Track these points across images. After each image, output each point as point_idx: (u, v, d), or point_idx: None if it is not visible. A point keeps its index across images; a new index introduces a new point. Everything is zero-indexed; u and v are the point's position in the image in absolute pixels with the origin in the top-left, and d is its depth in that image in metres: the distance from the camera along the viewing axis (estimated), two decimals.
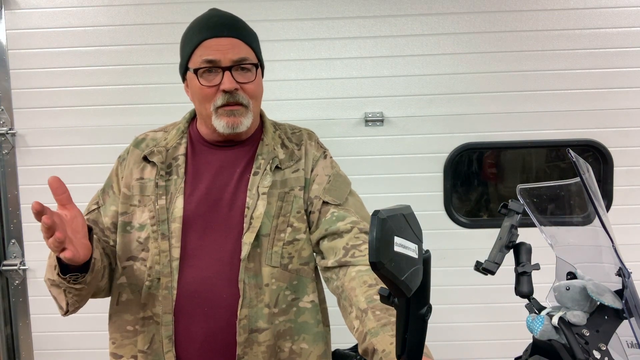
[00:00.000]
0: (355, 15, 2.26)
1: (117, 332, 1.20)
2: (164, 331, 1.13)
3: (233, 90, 1.13)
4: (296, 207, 1.19)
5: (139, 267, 1.17)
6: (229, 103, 1.14)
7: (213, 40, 1.14)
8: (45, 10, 2.26)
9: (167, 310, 1.13)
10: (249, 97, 1.16)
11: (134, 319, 1.17)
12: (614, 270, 0.82)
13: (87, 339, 2.35)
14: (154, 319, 1.15)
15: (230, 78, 1.12)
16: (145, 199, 1.18)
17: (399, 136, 2.30)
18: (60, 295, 1.11)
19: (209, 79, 1.14)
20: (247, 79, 1.15)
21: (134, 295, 1.17)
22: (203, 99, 1.15)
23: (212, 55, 1.12)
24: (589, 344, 0.75)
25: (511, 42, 2.26)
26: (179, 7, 2.24)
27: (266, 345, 1.14)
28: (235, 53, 1.13)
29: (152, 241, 1.15)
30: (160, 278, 1.13)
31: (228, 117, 1.14)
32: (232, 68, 1.13)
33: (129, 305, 1.18)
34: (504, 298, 2.21)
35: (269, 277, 1.14)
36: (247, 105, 1.16)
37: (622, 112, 2.27)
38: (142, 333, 1.16)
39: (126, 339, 1.18)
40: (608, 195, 2.30)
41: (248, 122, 1.17)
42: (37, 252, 2.33)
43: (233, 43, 1.14)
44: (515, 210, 0.85)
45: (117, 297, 1.20)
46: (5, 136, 2.29)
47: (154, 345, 1.15)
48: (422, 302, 0.66)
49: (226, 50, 1.13)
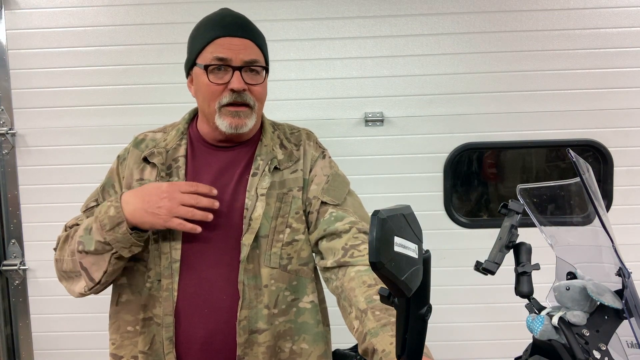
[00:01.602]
0: (355, 15, 2.26)
1: (116, 332, 1.20)
2: (164, 332, 1.13)
3: (241, 90, 1.13)
4: (295, 208, 1.19)
5: (139, 267, 1.17)
6: (236, 102, 1.14)
7: (226, 39, 1.14)
8: (45, 10, 2.26)
9: (168, 312, 1.13)
10: (256, 99, 1.16)
11: (134, 319, 1.17)
12: (614, 270, 0.82)
13: (87, 339, 2.35)
14: (154, 320, 1.15)
15: (240, 78, 1.12)
16: None
17: (399, 136, 2.30)
18: (101, 263, 1.10)
19: (218, 76, 1.14)
20: (256, 81, 1.16)
21: (134, 296, 1.17)
22: (209, 96, 1.15)
23: (224, 54, 1.12)
24: (589, 344, 0.75)
25: (511, 42, 2.26)
26: (179, 7, 2.24)
27: (266, 346, 1.14)
28: (247, 54, 1.14)
29: (153, 242, 1.15)
30: (161, 280, 1.14)
31: (232, 118, 1.14)
32: (242, 68, 1.13)
33: (129, 305, 1.18)
34: (504, 298, 2.21)
35: (267, 278, 1.15)
36: (253, 107, 1.16)
37: (622, 112, 2.27)
38: (143, 334, 1.16)
39: (126, 339, 1.18)
40: (608, 195, 2.30)
41: (251, 123, 1.17)
42: (37, 252, 2.33)
43: (245, 44, 1.15)
44: (515, 210, 0.85)
45: (117, 298, 1.20)
46: (5, 136, 2.29)
47: (155, 346, 1.15)
48: (422, 302, 0.66)
49: (238, 50, 1.13)
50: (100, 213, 1.10)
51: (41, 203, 2.30)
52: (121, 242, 1.08)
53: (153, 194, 1.09)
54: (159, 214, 1.07)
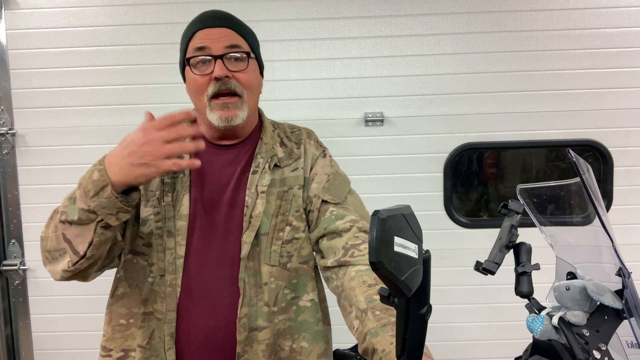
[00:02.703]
0: (355, 15, 2.26)
1: (108, 325, 1.19)
2: (166, 328, 1.13)
3: (224, 77, 1.12)
4: (295, 206, 1.19)
5: (138, 261, 1.17)
6: (222, 92, 1.13)
7: (204, 30, 1.15)
8: (45, 10, 2.26)
9: (171, 308, 1.13)
10: (243, 86, 1.15)
11: (128, 312, 1.17)
12: (614, 270, 0.82)
13: (87, 339, 2.35)
14: (154, 315, 1.15)
15: (221, 65, 1.12)
16: (148, 193, 1.17)
17: (399, 136, 2.30)
18: (86, 233, 1.01)
19: (201, 69, 1.14)
20: (239, 67, 1.15)
21: (131, 289, 1.17)
22: (197, 90, 1.15)
23: (203, 43, 1.13)
24: (589, 344, 0.75)
25: (511, 42, 2.26)
26: (179, 7, 2.24)
27: (266, 344, 1.14)
28: (227, 40, 1.14)
29: (157, 238, 1.15)
30: (165, 275, 1.13)
31: (222, 110, 1.13)
32: (223, 56, 1.12)
33: (124, 298, 1.17)
34: (504, 298, 2.21)
35: (267, 276, 1.15)
36: (242, 95, 1.15)
37: (622, 112, 2.27)
38: (142, 328, 1.15)
39: (117, 332, 1.18)
40: (608, 195, 2.30)
41: (244, 114, 1.15)
42: (37, 252, 2.31)
43: (225, 32, 1.15)
44: (515, 210, 0.85)
45: (113, 290, 1.19)
46: (5, 136, 2.28)
47: (153, 341, 1.15)
48: (422, 302, 0.66)
49: (217, 38, 1.13)
50: (84, 179, 1.01)
51: (41, 203, 2.30)
52: (107, 208, 0.99)
53: (131, 145, 0.99)
54: (147, 163, 0.98)
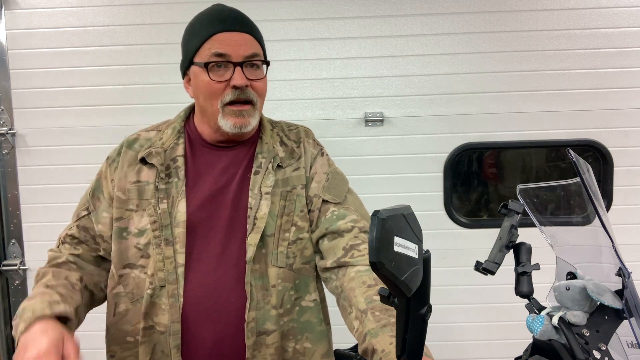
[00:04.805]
0: (355, 15, 2.26)
1: (116, 344, 1.15)
2: (172, 341, 1.08)
3: (243, 86, 1.10)
4: (299, 206, 1.16)
5: (137, 274, 1.12)
6: (239, 100, 1.11)
7: (224, 34, 1.11)
8: (45, 10, 2.25)
9: (175, 319, 1.09)
10: (258, 95, 1.14)
11: (134, 329, 1.13)
12: (614, 270, 0.82)
13: (87, 339, 2.33)
14: (156, 329, 1.11)
15: (241, 74, 1.09)
16: (143, 202, 1.13)
17: (399, 136, 2.29)
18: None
19: (219, 73, 1.10)
20: (257, 76, 1.13)
21: (133, 305, 1.13)
22: (211, 95, 1.11)
23: (224, 49, 1.09)
24: (589, 344, 0.75)
25: (511, 42, 2.26)
26: (179, 7, 2.24)
27: (274, 347, 1.11)
28: (247, 49, 1.11)
29: (155, 247, 1.10)
30: (165, 285, 1.09)
31: (236, 118, 1.11)
32: (243, 64, 1.10)
33: (128, 315, 1.13)
34: (504, 298, 2.21)
35: (275, 278, 1.12)
36: (256, 104, 1.14)
37: (622, 112, 2.27)
38: (144, 344, 1.11)
39: (126, 350, 1.14)
40: (608, 195, 2.30)
41: (255, 122, 1.15)
42: (37, 252, 2.32)
43: (245, 39, 1.12)
44: (515, 210, 0.85)
45: (114, 308, 1.15)
46: (5, 136, 2.28)
47: (156, 356, 1.11)
48: (422, 302, 0.66)
49: (238, 45, 1.10)
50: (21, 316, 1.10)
51: (41, 203, 2.30)
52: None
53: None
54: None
